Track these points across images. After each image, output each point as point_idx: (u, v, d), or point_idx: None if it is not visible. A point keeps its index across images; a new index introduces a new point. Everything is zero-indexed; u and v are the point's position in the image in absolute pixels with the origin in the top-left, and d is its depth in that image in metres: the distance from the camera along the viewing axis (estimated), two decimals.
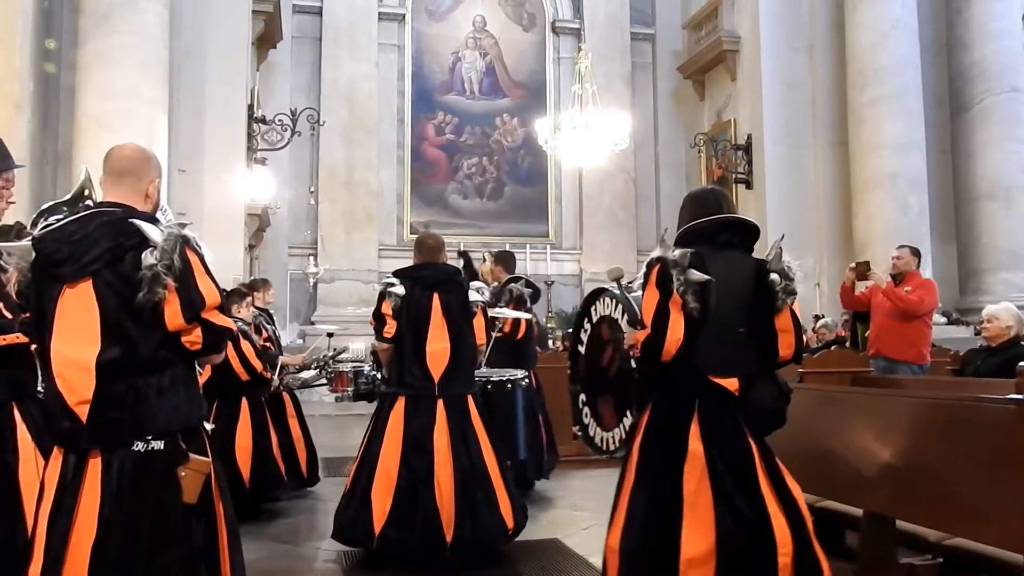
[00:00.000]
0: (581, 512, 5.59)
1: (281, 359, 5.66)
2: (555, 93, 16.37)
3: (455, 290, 4.50)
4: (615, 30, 16.35)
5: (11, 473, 2.61)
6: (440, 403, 4.35)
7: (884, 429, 3.40)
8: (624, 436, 3.50)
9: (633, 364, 3.47)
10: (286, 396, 5.86)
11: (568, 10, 16.65)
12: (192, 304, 2.26)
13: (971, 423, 3.06)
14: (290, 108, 12.65)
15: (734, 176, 14.78)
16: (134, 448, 2.20)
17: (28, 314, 2.50)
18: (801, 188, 13.76)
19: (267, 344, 5.64)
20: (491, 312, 5.07)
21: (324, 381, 5.85)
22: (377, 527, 4.18)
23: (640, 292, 3.37)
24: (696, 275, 2.89)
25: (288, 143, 12.48)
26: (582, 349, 3.86)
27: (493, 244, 15.30)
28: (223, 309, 2.40)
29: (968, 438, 3.03)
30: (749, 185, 14.50)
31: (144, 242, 2.24)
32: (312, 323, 14.11)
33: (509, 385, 5.09)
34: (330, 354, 5.80)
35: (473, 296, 4.52)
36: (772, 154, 13.92)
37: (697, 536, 2.78)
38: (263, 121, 12.27)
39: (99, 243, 2.24)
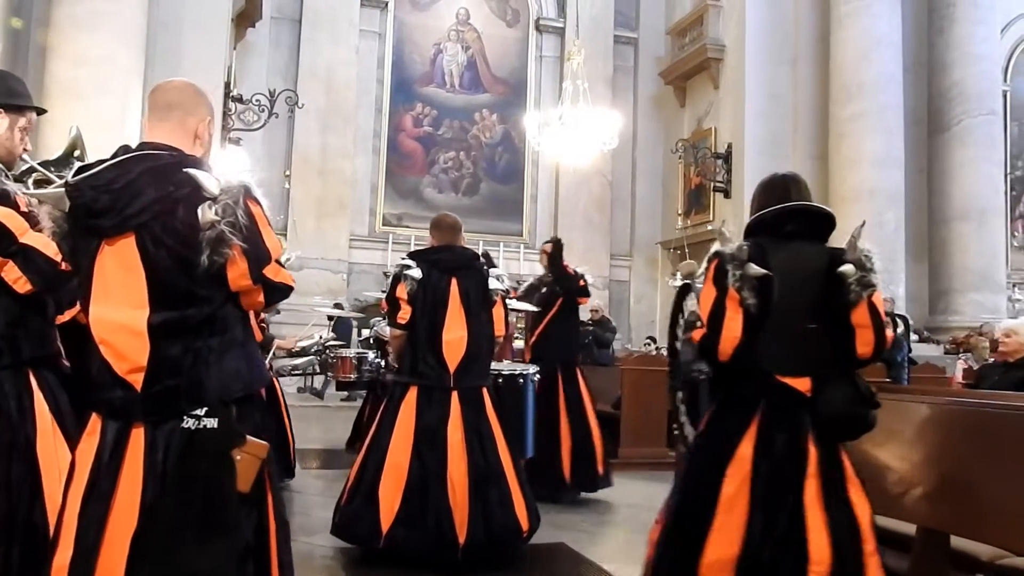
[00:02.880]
0: (583, 515, 5.39)
1: (275, 342, 5.34)
2: (536, 91, 16.21)
3: (474, 276, 4.26)
4: (598, 31, 16.22)
5: (29, 446, 2.32)
6: (455, 395, 4.09)
7: (940, 438, 3.25)
8: None
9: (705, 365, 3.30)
10: (275, 382, 5.54)
11: (552, 8, 16.49)
12: (259, 263, 1.99)
13: None
14: (268, 89, 12.25)
15: (712, 184, 14.76)
16: (184, 426, 1.91)
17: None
18: None
19: (262, 325, 5.32)
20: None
21: (317, 368, 5.55)
22: (385, 525, 3.90)
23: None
24: (754, 269, 2.71)
25: (264, 124, 12.10)
26: (679, 346, 3.65)
27: (467, 241, 15.05)
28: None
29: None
30: (727, 194, 14.49)
31: (197, 192, 1.94)
32: (278, 311, 13.68)
33: (521, 380, 4.85)
34: (327, 339, 5.50)
35: (493, 284, 4.27)
36: (752, 164, 13.89)
37: (723, 541, 2.63)
38: (240, 100, 11.86)
39: (145, 192, 1.93)
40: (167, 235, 1.93)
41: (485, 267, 4.35)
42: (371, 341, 6.50)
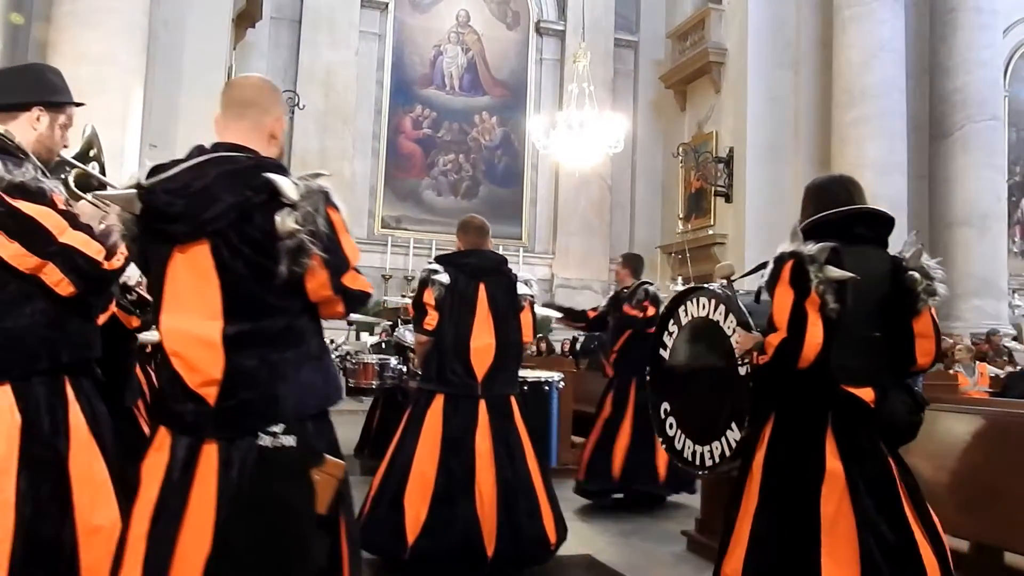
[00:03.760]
0: (599, 524, 5.28)
1: None
2: (536, 94, 16.13)
3: (502, 281, 4.14)
4: (599, 35, 16.16)
5: (61, 461, 2.16)
6: (482, 404, 3.98)
7: (990, 450, 3.17)
8: (728, 451, 3.20)
9: (742, 372, 3.19)
10: None
11: (553, 11, 16.43)
12: (339, 272, 1.89)
13: None
14: None
15: (713, 188, 14.71)
16: (260, 443, 1.80)
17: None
18: (781, 204, 13.65)
19: None
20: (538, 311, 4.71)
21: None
22: (410, 536, 3.78)
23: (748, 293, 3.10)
24: (835, 272, 2.61)
25: None
26: (665, 355, 3.56)
27: None
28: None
29: None
30: (728, 198, 14.45)
31: (275, 197, 1.83)
32: None
33: (546, 387, 4.74)
34: (339, 344, 5.38)
35: (522, 289, 4.16)
36: (753, 168, 13.88)
37: (838, 564, 2.50)
38: None
39: (221, 198, 1.81)
40: (244, 243, 1.83)
41: (512, 271, 4.25)
42: (382, 346, 6.39)
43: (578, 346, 12.24)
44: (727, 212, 14.44)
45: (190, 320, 1.84)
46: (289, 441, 1.81)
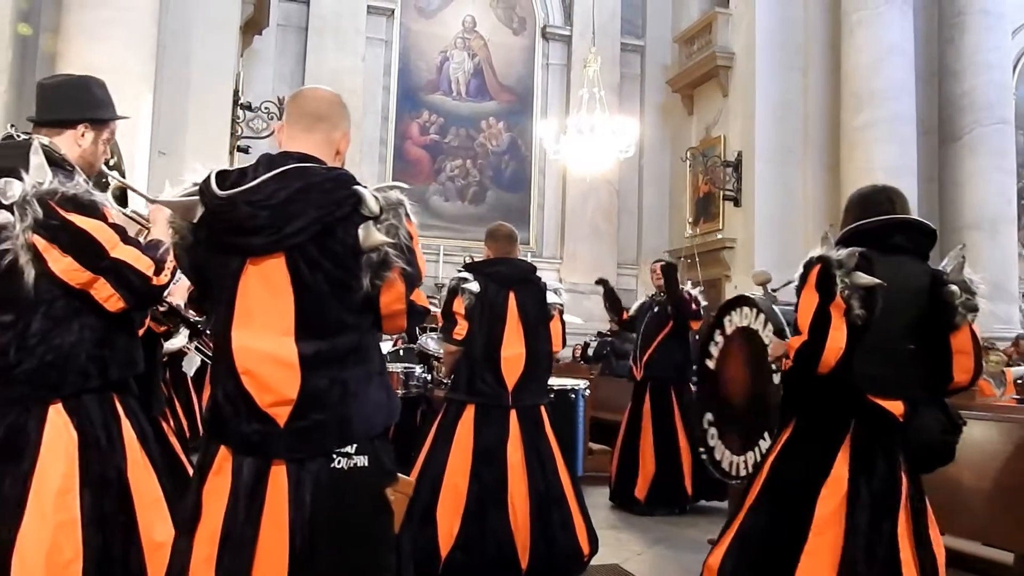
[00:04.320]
0: (625, 534, 5.24)
1: None
2: (543, 99, 16.09)
3: (532, 289, 4.11)
4: (605, 39, 16.07)
5: (122, 477, 2.12)
6: (513, 414, 3.95)
7: None
8: (759, 461, 3.18)
9: (775, 379, 3.17)
10: None
11: (559, 16, 16.40)
12: (413, 286, 1.85)
13: None
14: (278, 97, 12.10)
15: (722, 193, 14.65)
16: (334, 465, 1.74)
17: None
18: (790, 208, 13.66)
19: None
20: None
21: None
22: (443, 550, 3.76)
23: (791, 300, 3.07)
24: (862, 278, 2.59)
25: (273, 132, 11.93)
26: (712, 364, 3.53)
27: (473, 249, 14.94)
28: None
29: None
30: (737, 202, 14.39)
31: (356, 210, 1.78)
32: None
33: (572, 395, 4.70)
34: None
35: (551, 298, 4.13)
36: (762, 172, 13.83)
37: (817, 567, 2.49)
38: (248, 108, 11.72)
39: (306, 211, 1.76)
40: (325, 257, 1.78)
41: (542, 280, 4.21)
42: (400, 353, 6.35)
43: (590, 351, 12.18)
44: (736, 216, 14.40)
45: (262, 337, 1.78)
46: (362, 461, 1.77)
